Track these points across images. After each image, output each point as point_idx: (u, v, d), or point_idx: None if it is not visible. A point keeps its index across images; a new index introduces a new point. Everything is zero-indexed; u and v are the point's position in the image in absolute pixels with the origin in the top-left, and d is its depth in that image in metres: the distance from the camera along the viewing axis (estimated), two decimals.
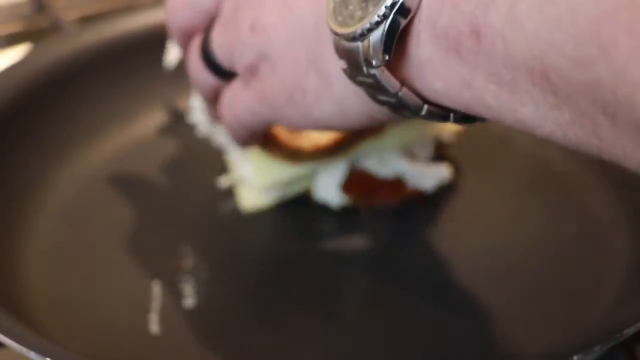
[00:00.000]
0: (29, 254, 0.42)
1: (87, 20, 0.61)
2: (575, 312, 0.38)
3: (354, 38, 0.29)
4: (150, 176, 0.48)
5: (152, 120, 0.51)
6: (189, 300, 0.40)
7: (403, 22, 0.28)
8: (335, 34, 0.30)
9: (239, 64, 0.38)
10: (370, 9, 0.29)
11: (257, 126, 0.39)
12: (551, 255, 0.41)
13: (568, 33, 0.23)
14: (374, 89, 0.30)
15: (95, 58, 0.52)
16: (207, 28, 0.40)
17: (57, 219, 0.44)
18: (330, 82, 0.34)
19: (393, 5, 0.28)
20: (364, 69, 0.30)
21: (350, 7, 0.30)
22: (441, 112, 0.30)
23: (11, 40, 0.62)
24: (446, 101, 0.29)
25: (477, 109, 0.28)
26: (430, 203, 0.45)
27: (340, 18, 0.30)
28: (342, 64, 0.31)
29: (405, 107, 0.30)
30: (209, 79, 0.41)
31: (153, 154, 0.49)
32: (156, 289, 0.40)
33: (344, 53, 0.31)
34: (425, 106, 0.30)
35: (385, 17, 0.28)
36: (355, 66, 0.30)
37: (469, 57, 0.27)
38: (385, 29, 0.28)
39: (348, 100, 0.34)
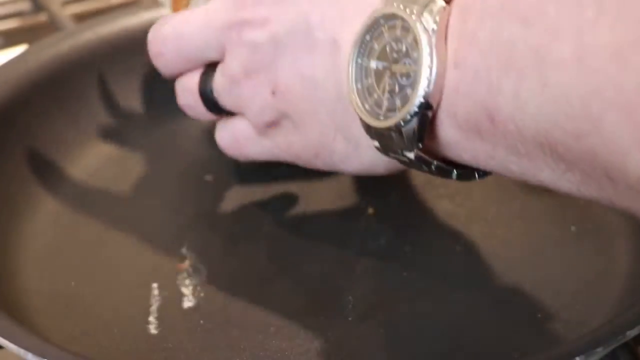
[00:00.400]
0: (28, 254, 0.42)
1: (84, 18, 0.61)
2: (577, 313, 0.38)
3: (387, 129, 0.32)
4: (150, 176, 0.48)
5: (151, 119, 0.51)
6: (189, 301, 0.39)
7: (430, 114, 0.30)
8: (368, 125, 0.33)
9: (255, 119, 0.39)
10: (398, 103, 0.31)
11: (265, 160, 0.41)
12: (553, 256, 0.41)
13: (565, 111, 0.26)
14: (408, 163, 0.33)
15: (93, 56, 0.51)
16: (204, 70, 0.41)
17: (54, 219, 0.44)
18: (360, 148, 0.37)
19: (421, 104, 0.30)
20: (398, 150, 0.32)
21: (375, 96, 0.32)
22: (469, 171, 0.33)
23: (8, 37, 0.61)
24: (473, 166, 0.32)
25: (503, 173, 0.31)
26: (430, 204, 0.45)
27: (367, 106, 0.32)
28: (374, 142, 0.33)
29: (438, 172, 0.33)
30: (204, 114, 0.42)
31: (153, 154, 0.49)
32: (156, 289, 0.40)
33: (376, 137, 0.33)
34: (455, 171, 0.33)
35: (416, 112, 0.30)
36: (388, 148, 0.33)
37: (489, 137, 0.29)
38: (417, 123, 0.30)
39: (378, 160, 0.36)
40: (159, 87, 0.52)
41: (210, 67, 0.41)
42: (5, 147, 0.46)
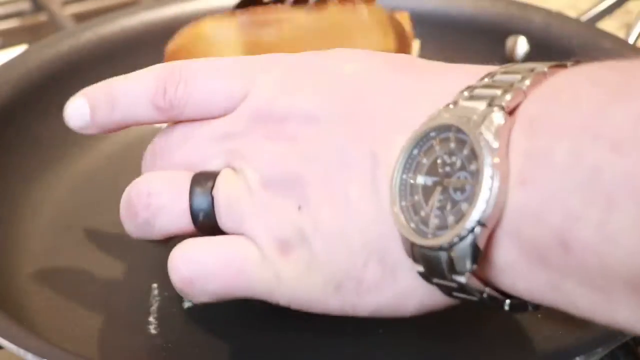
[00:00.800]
0: (28, 254, 0.42)
1: (84, 18, 0.61)
2: None
3: (436, 249, 0.28)
4: None
5: None
6: (188, 301, 0.39)
7: (486, 232, 0.27)
8: (413, 244, 0.29)
9: (267, 238, 0.33)
10: (451, 220, 0.28)
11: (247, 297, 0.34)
12: None
13: None
14: (454, 290, 0.30)
15: (93, 56, 0.52)
16: (196, 177, 0.34)
17: (55, 219, 0.44)
18: (396, 274, 0.31)
19: (479, 220, 0.27)
20: (446, 275, 0.29)
21: (422, 213, 0.29)
22: (522, 303, 0.30)
23: (8, 37, 0.61)
24: (526, 298, 0.29)
25: (563, 308, 0.28)
26: None
27: (412, 225, 0.29)
28: (417, 267, 0.30)
29: (489, 302, 0.29)
30: (184, 227, 0.35)
31: None
32: (155, 289, 0.40)
33: (421, 259, 0.29)
34: (508, 301, 0.29)
35: (472, 230, 0.27)
36: (435, 272, 0.29)
37: (557, 266, 0.26)
38: (472, 241, 0.27)
39: (412, 292, 0.32)
40: None
41: (201, 177, 0.34)
42: (5, 146, 0.46)
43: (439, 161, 0.29)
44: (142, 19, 0.54)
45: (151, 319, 0.38)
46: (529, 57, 0.52)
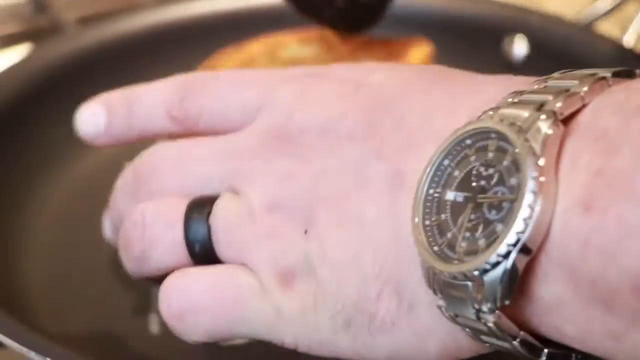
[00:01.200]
0: (30, 254, 0.42)
1: (87, 21, 0.61)
2: None
3: (462, 278, 0.24)
4: None
5: None
6: None
7: (525, 260, 0.23)
8: (435, 271, 0.25)
9: (269, 265, 0.29)
10: (482, 243, 0.24)
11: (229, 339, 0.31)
12: None
13: None
14: (481, 332, 0.25)
15: (96, 59, 0.52)
16: (191, 204, 0.31)
17: (57, 219, 0.45)
18: (413, 311, 0.27)
19: (516, 243, 0.22)
20: (472, 311, 0.24)
21: (449, 235, 0.25)
22: (564, 353, 0.25)
23: (11, 40, 0.62)
24: (576, 345, 0.24)
25: None
26: None
27: (436, 248, 0.25)
28: (438, 300, 0.25)
29: (522, 350, 0.24)
30: (181, 260, 0.31)
31: None
32: (156, 289, 0.40)
33: (443, 290, 0.25)
34: (546, 350, 0.24)
35: (506, 256, 0.23)
36: (459, 306, 0.24)
37: (624, 313, 0.22)
38: (507, 269, 0.23)
39: (433, 332, 0.27)
40: None
41: (197, 203, 0.31)
42: (7, 148, 0.46)
43: (473, 173, 0.25)
44: (145, 22, 0.54)
45: (153, 318, 0.39)
46: (528, 59, 0.52)
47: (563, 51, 0.50)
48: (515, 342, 0.24)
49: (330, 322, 0.28)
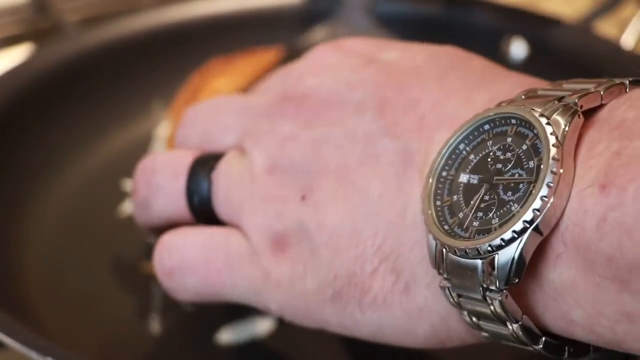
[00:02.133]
0: (30, 255, 0.42)
1: (88, 22, 0.61)
2: None
3: (474, 254, 0.24)
4: None
5: (153, 121, 0.51)
6: None
7: (538, 239, 0.23)
8: (444, 248, 0.25)
9: (262, 228, 0.29)
10: (495, 222, 0.24)
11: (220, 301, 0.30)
12: None
13: None
14: (481, 316, 0.25)
15: (97, 60, 0.52)
16: (198, 157, 0.31)
17: (58, 220, 0.45)
18: (411, 287, 0.27)
19: (532, 220, 0.23)
20: (480, 291, 0.24)
21: (460, 215, 0.25)
22: (559, 344, 0.25)
23: (12, 42, 0.62)
24: (580, 333, 0.24)
25: (635, 347, 0.23)
26: None
27: (446, 227, 0.25)
28: (442, 280, 0.25)
29: (515, 339, 0.25)
30: (181, 212, 0.31)
31: None
32: (156, 289, 0.40)
33: (451, 269, 0.24)
34: (543, 338, 0.24)
35: (521, 233, 0.23)
36: (465, 286, 0.24)
37: None
38: (520, 247, 0.23)
39: (425, 315, 0.27)
40: (161, 89, 0.52)
41: (203, 158, 0.32)
42: (9, 149, 0.46)
43: (489, 158, 0.25)
44: (146, 23, 0.54)
45: (152, 319, 0.39)
46: (527, 61, 0.52)
47: (562, 53, 0.50)
48: (515, 326, 0.24)
49: (318, 291, 0.28)
